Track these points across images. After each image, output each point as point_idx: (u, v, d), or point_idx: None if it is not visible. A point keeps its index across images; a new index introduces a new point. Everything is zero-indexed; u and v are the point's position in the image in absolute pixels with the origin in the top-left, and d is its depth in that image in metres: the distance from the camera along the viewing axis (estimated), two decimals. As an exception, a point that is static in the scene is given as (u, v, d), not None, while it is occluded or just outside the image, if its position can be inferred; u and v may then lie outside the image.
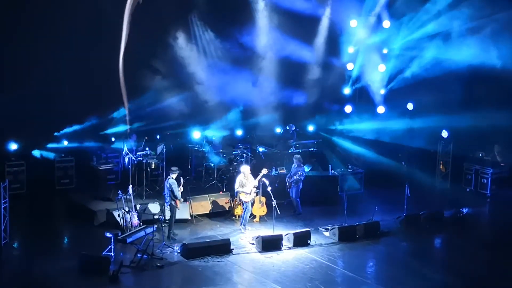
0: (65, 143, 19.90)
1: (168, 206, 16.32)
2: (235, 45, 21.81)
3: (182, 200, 16.43)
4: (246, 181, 17.05)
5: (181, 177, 16.49)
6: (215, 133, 21.13)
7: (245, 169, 17.26)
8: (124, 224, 15.91)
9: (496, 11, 20.20)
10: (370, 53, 23.20)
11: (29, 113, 18.69)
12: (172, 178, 16.16)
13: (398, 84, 22.88)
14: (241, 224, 17.10)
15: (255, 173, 17.31)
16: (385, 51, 23.25)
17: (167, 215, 16.41)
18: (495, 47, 20.30)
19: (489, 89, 20.93)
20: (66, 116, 19.58)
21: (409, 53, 22.59)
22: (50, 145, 19.60)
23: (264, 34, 22.09)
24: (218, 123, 21.64)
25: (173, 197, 16.13)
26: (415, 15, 22.17)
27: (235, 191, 17.34)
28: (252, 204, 17.40)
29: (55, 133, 19.80)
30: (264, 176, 16.97)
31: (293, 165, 18.70)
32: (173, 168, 16.41)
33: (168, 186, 16.15)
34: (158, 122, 20.82)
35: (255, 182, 17.05)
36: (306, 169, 20.07)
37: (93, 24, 19.02)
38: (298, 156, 18.90)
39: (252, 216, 17.63)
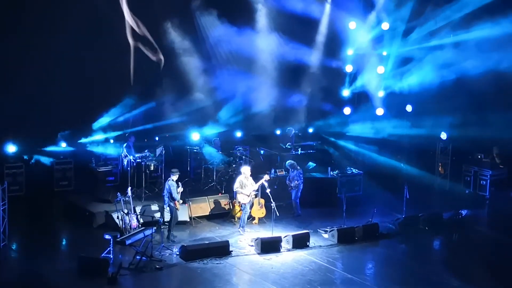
0: (63, 145, 19.86)
1: (167, 208, 16.31)
2: (235, 46, 21.80)
3: (181, 201, 16.41)
4: (246, 182, 17.05)
5: (179, 182, 16.43)
6: (213, 131, 21.12)
7: (245, 170, 17.26)
8: (123, 226, 15.90)
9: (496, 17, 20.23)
10: (369, 55, 23.20)
11: (28, 115, 18.66)
12: (172, 180, 16.16)
13: (397, 86, 22.87)
14: (240, 226, 17.09)
15: (253, 174, 17.29)
16: (384, 53, 23.25)
17: (166, 216, 16.39)
18: (497, 51, 20.30)
19: (488, 91, 20.93)
20: (64, 117, 19.52)
21: (408, 56, 22.60)
22: (48, 148, 19.56)
23: (264, 35, 22.08)
24: (217, 123, 21.63)
25: (171, 198, 16.14)
26: (414, 17, 22.20)
27: (234, 191, 17.33)
28: (251, 206, 17.39)
29: (54, 135, 19.76)
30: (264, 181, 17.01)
31: (290, 170, 18.75)
32: (173, 170, 16.40)
33: (167, 187, 16.16)
34: (156, 123, 20.81)
35: (255, 187, 17.05)
36: (311, 164, 20.10)
37: (93, 24, 19.02)
38: (291, 162, 18.83)
39: (251, 218, 17.62)
